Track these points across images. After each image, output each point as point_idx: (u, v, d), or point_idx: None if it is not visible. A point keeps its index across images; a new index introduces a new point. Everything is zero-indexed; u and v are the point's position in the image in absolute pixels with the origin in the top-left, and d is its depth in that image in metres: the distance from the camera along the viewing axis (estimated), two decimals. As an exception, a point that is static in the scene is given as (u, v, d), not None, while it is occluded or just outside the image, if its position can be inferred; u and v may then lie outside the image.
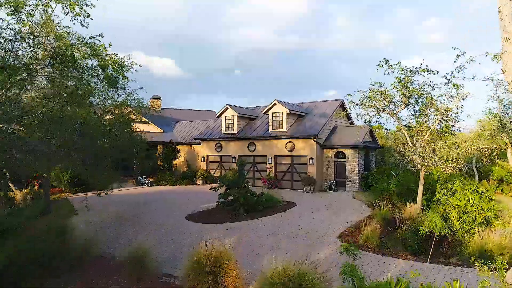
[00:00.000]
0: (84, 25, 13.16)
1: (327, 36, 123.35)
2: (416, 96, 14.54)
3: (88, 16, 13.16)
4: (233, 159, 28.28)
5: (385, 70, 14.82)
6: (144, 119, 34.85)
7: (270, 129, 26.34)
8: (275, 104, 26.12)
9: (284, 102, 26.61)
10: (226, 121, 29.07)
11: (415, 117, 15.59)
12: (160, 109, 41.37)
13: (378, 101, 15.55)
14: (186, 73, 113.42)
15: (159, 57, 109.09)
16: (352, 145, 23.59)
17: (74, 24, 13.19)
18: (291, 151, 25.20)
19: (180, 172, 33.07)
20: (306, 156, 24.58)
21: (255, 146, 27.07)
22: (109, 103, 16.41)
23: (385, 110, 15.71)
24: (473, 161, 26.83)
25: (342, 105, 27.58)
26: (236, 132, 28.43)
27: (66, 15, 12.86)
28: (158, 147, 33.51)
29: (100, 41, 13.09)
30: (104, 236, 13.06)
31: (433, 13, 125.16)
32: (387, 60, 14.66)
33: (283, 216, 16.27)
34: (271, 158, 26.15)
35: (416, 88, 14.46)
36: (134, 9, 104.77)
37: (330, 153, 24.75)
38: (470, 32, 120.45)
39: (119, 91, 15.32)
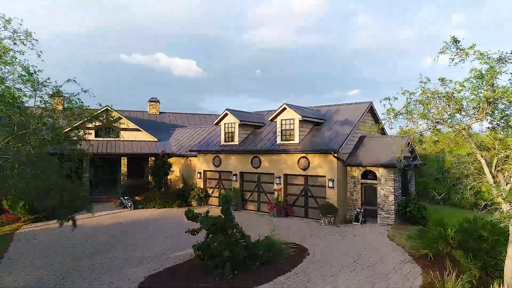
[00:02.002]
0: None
1: (348, 35, 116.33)
2: (507, 102, 8.68)
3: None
4: (234, 177, 22.87)
5: (452, 59, 9.06)
6: (132, 125, 29.96)
7: (279, 141, 20.80)
8: (284, 108, 20.55)
9: (296, 106, 20.99)
10: (226, 130, 23.71)
11: (494, 131, 9.73)
12: (158, 113, 36.50)
13: (437, 109, 9.81)
14: (207, 73, 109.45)
15: (181, 58, 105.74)
16: (385, 163, 17.77)
17: None
18: (305, 169, 19.58)
19: (175, 187, 27.98)
20: (324, 176, 18.91)
21: (260, 162, 21.58)
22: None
23: (447, 123, 9.94)
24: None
25: (371, 110, 21.70)
26: (237, 143, 23.02)
27: None
28: (149, 159, 28.51)
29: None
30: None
31: (459, 8, 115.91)
32: (456, 41, 8.85)
33: (286, 283, 10.72)
34: (279, 177, 20.61)
35: (509, 87, 8.59)
36: (154, 11, 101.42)
37: (356, 172, 18.98)
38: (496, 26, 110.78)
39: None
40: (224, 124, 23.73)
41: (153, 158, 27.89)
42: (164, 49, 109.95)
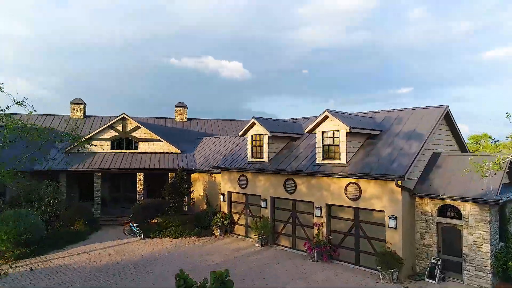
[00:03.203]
0: None
1: (398, 31, 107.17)
2: None
3: None
4: (263, 203, 18.17)
5: None
6: (152, 135, 26.26)
7: (319, 159, 15.79)
8: (326, 117, 15.49)
9: (343, 114, 15.83)
10: (254, 143, 19.08)
11: None
12: (185, 120, 32.74)
13: None
14: (253, 75, 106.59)
15: (228, 61, 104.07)
16: (476, 196, 12.16)
17: None
18: (355, 199, 14.42)
19: (199, 209, 23.89)
20: (383, 211, 13.64)
21: (296, 185, 16.69)
22: None
23: None
24: None
25: (447, 116, 15.99)
26: (267, 160, 18.30)
27: None
28: (169, 175, 24.64)
29: None
30: None
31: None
32: None
33: None
34: (320, 207, 15.60)
35: None
36: (201, 15, 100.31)
37: (429, 207, 13.49)
38: None
39: None
40: (251, 135, 19.12)
41: (173, 174, 23.99)
42: (212, 52, 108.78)
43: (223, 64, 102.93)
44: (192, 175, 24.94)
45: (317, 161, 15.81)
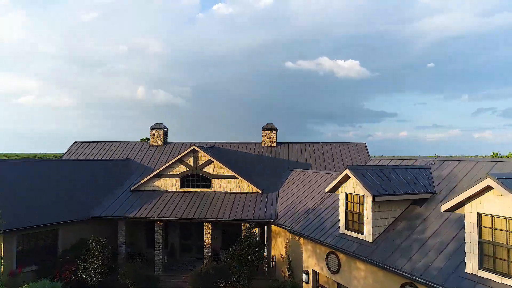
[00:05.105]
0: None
1: None
2: None
3: None
4: (364, 308, 11.00)
5: None
6: (225, 170, 21.19)
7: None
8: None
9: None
10: (349, 207, 12.05)
11: None
12: (274, 144, 27.04)
13: None
14: (371, 73, 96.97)
15: (343, 60, 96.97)
16: None
17: None
18: None
19: (280, 272, 17.84)
20: None
21: (423, 300, 9.15)
22: None
23: None
24: None
25: None
26: (370, 240, 11.07)
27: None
28: (242, 225, 19.13)
29: None
30: None
31: None
32: None
33: None
34: None
35: None
36: (315, 18, 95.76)
37: None
38: None
39: None
40: (345, 194, 12.15)
41: (246, 225, 18.40)
42: (327, 52, 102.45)
43: (339, 63, 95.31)
44: (274, 227, 18.99)
45: (468, 270, 8.08)
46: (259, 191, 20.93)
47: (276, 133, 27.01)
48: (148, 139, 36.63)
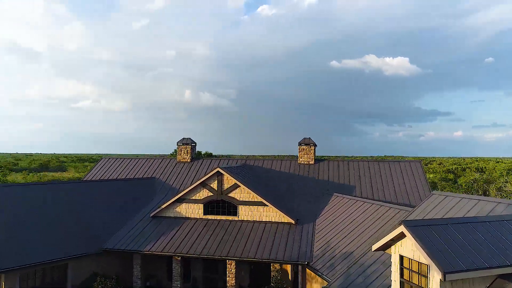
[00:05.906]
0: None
1: None
2: None
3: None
4: None
5: None
6: (253, 196, 18.45)
7: None
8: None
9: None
10: (404, 275, 8.72)
11: None
12: (312, 162, 23.87)
13: None
14: (423, 69, 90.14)
15: (392, 58, 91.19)
16: None
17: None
18: None
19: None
20: None
21: None
22: None
23: None
24: None
25: None
26: (438, 333, 7.70)
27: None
28: (272, 266, 16.17)
29: None
30: None
31: None
32: None
33: None
34: None
35: None
36: (360, 16, 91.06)
37: None
38: None
39: None
40: (400, 256, 8.84)
41: (277, 267, 15.46)
42: (374, 50, 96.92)
43: (387, 61, 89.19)
44: (309, 270, 15.88)
45: None
46: (293, 222, 17.89)
47: (314, 148, 23.76)
48: (175, 153, 34.99)
